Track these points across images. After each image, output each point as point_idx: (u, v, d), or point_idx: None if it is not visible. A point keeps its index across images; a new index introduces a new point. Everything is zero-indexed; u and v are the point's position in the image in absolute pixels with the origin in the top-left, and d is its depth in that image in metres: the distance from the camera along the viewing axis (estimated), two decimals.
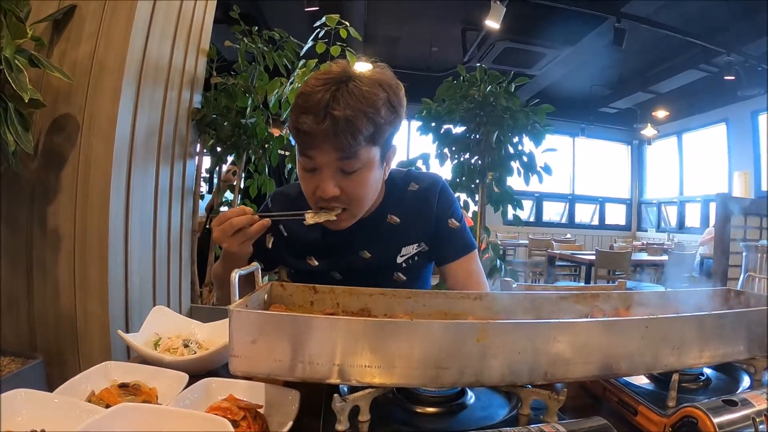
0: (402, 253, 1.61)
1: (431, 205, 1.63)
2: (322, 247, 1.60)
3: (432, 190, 1.65)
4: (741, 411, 0.88)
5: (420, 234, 1.63)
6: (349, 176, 1.36)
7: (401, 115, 1.42)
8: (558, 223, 13.42)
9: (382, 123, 1.33)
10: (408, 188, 1.65)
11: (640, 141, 13.60)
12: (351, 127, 1.27)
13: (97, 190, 2.67)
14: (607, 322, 0.96)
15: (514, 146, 3.53)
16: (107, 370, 1.15)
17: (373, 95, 1.31)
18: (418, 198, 1.64)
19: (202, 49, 3.45)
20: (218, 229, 1.33)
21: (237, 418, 0.92)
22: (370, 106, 1.29)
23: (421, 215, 1.62)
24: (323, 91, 1.28)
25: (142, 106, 2.87)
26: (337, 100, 1.27)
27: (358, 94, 1.29)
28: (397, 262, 1.62)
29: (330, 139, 1.28)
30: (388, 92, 1.36)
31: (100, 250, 2.67)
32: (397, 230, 1.60)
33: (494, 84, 3.49)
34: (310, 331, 0.82)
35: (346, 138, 1.27)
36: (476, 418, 0.97)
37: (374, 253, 1.60)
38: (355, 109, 1.27)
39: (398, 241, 1.61)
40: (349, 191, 1.38)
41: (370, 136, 1.32)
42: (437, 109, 3.59)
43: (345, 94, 1.28)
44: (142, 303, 2.94)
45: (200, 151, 3.69)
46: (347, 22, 3.74)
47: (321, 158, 1.33)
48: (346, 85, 1.30)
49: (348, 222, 1.47)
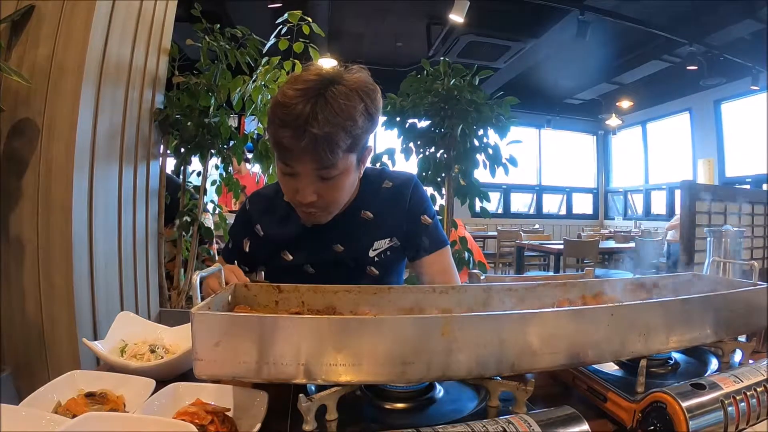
0: (374, 247, 1.64)
1: (404, 202, 1.66)
2: (296, 241, 1.63)
3: (405, 187, 1.68)
4: (709, 394, 0.90)
5: (392, 229, 1.65)
6: (328, 182, 1.39)
7: (377, 119, 1.44)
8: (526, 214, 13.56)
9: (359, 133, 1.35)
10: (382, 185, 1.68)
11: (605, 131, 13.80)
12: (330, 142, 1.28)
13: (60, 195, 2.61)
14: (572, 311, 0.97)
15: (479, 139, 3.53)
16: (73, 380, 1.13)
17: (350, 108, 1.31)
18: (391, 194, 1.67)
19: (163, 48, 3.40)
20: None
21: (205, 423, 0.91)
22: (348, 120, 1.30)
23: (393, 211, 1.65)
24: (302, 103, 1.28)
25: (103, 108, 2.81)
26: (315, 116, 1.27)
27: (337, 108, 1.29)
28: (370, 256, 1.64)
29: (309, 153, 1.31)
30: (365, 101, 1.36)
31: (64, 256, 2.62)
32: (370, 225, 1.63)
33: (458, 77, 3.49)
34: (273, 331, 0.80)
35: (325, 152, 1.29)
36: (445, 412, 0.97)
37: (347, 247, 1.62)
38: (333, 125, 1.28)
39: (370, 235, 1.64)
40: (326, 196, 1.42)
41: (347, 147, 1.34)
42: (402, 103, 3.58)
43: (323, 107, 1.28)
44: (110, 308, 2.89)
45: (164, 152, 3.64)
46: (310, 18, 3.71)
47: (300, 168, 1.36)
48: (324, 97, 1.29)
49: (325, 218, 1.52)
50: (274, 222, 1.65)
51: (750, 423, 0.92)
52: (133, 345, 1.39)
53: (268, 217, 1.67)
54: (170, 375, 1.23)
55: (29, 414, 0.94)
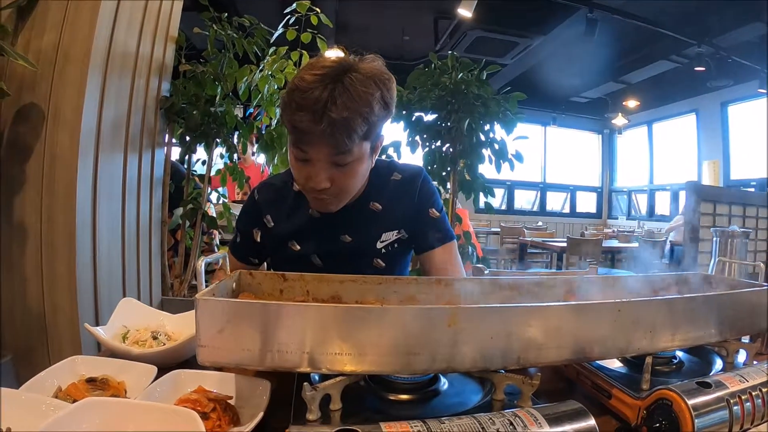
0: (382, 239, 1.64)
1: (413, 195, 1.67)
2: (304, 231, 1.63)
3: (414, 180, 1.69)
4: (715, 393, 0.90)
5: (400, 221, 1.66)
6: (341, 169, 1.39)
7: (392, 109, 1.44)
8: (529, 211, 13.52)
9: (375, 121, 1.35)
10: (391, 177, 1.69)
11: (610, 130, 13.74)
12: (347, 128, 1.29)
13: (63, 181, 2.61)
14: (579, 305, 0.96)
15: (485, 134, 3.53)
16: (74, 365, 1.12)
17: (368, 95, 1.31)
18: (400, 187, 1.68)
19: (170, 36, 3.39)
20: None
21: (206, 410, 0.91)
22: (365, 106, 1.31)
23: (402, 203, 1.66)
24: (320, 88, 1.28)
25: (108, 96, 2.81)
26: (335, 101, 1.27)
27: (355, 94, 1.29)
28: (377, 248, 1.64)
29: (326, 138, 1.30)
30: (382, 89, 1.36)
31: (67, 243, 2.62)
32: (379, 216, 1.64)
33: (466, 72, 3.48)
34: (278, 318, 0.80)
35: (342, 138, 1.30)
36: (450, 405, 0.96)
37: (354, 238, 1.63)
38: (352, 110, 1.28)
39: (379, 227, 1.65)
40: (340, 182, 1.42)
41: (364, 134, 1.34)
42: (408, 96, 3.57)
43: (342, 92, 1.28)
44: (112, 296, 2.89)
45: (169, 140, 3.64)
46: (318, 9, 3.70)
47: (315, 153, 1.36)
48: (342, 83, 1.30)
49: (336, 206, 1.51)
50: (282, 212, 1.66)
51: (755, 423, 0.91)
52: (135, 331, 1.38)
53: (277, 208, 1.67)
54: (172, 362, 1.22)
55: (29, 398, 0.94)
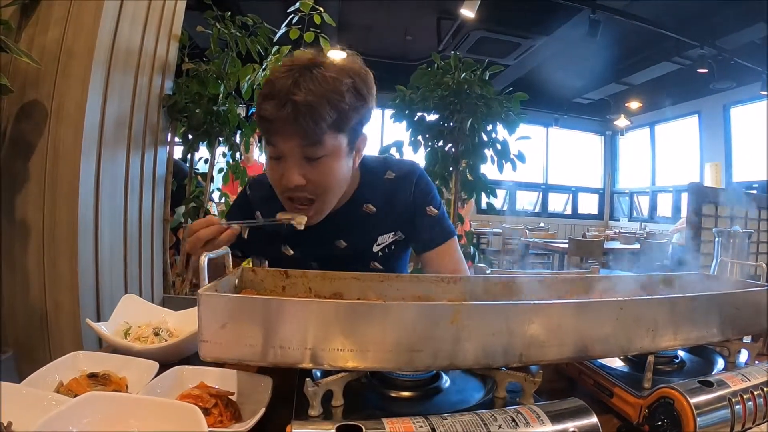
0: (378, 242, 1.61)
1: (408, 194, 1.62)
2: (297, 235, 1.51)
3: (409, 178, 1.64)
4: (717, 392, 0.89)
5: (396, 223, 1.62)
6: (314, 164, 1.34)
7: (369, 102, 1.40)
8: (531, 213, 13.51)
9: (346, 109, 1.32)
10: (384, 176, 1.64)
11: (613, 131, 13.74)
12: (312, 112, 1.26)
13: (66, 178, 2.61)
14: (581, 303, 0.96)
15: (487, 134, 3.53)
16: (76, 361, 1.13)
17: (337, 81, 1.30)
18: (394, 186, 1.63)
19: (173, 34, 3.38)
20: (188, 242, 1.31)
21: (208, 406, 0.91)
22: (333, 92, 1.28)
23: (397, 203, 1.61)
24: (287, 77, 1.28)
25: (111, 93, 2.81)
26: (299, 86, 1.26)
27: (321, 80, 1.28)
28: (374, 251, 1.61)
29: (291, 125, 1.27)
30: (355, 78, 1.34)
31: (69, 240, 2.62)
32: (373, 219, 1.59)
33: (468, 72, 3.48)
34: (280, 314, 0.80)
35: (308, 123, 1.26)
36: (452, 402, 0.96)
37: (350, 242, 1.59)
38: (317, 94, 1.26)
39: (374, 230, 1.61)
40: (314, 180, 1.36)
41: (334, 122, 1.30)
42: (411, 96, 3.57)
43: (308, 79, 1.27)
44: (114, 293, 2.89)
45: (172, 138, 3.64)
46: (321, 8, 3.70)
47: (284, 145, 1.32)
48: (310, 71, 1.29)
49: (316, 217, 1.45)
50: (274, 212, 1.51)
51: (756, 422, 0.91)
52: (137, 327, 1.39)
53: (269, 206, 1.57)
54: (174, 358, 1.22)
55: (30, 393, 0.93)
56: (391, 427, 0.72)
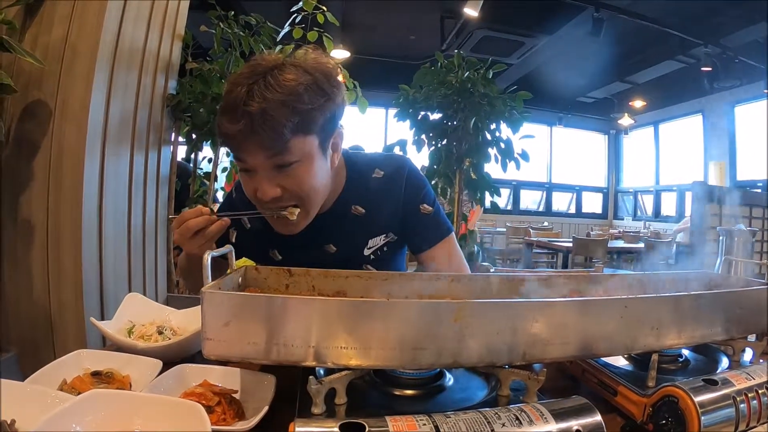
0: (369, 245, 1.55)
1: (398, 193, 1.55)
2: (285, 240, 1.47)
3: (398, 176, 1.56)
4: (721, 390, 0.89)
5: (387, 224, 1.56)
6: (287, 172, 1.27)
7: (335, 97, 1.31)
8: (535, 212, 13.51)
9: (308, 109, 1.23)
10: (372, 175, 1.55)
11: (617, 130, 13.71)
12: (269, 120, 1.18)
13: (70, 178, 2.62)
14: (585, 302, 0.96)
15: (491, 133, 3.53)
16: (80, 359, 1.13)
17: (292, 82, 1.22)
18: (383, 186, 1.54)
19: (177, 33, 3.39)
20: (177, 232, 1.26)
21: (211, 404, 0.91)
22: (289, 95, 1.20)
23: (387, 204, 1.54)
24: (240, 86, 1.20)
25: (115, 92, 2.82)
26: (252, 95, 1.19)
27: (276, 84, 1.20)
28: (365, 254, 1.55)
29: (252, 138, 1.21)
30: (315, 75, 1.26)
31: (73, 239, 2.63)
32: (363, 221, 1.52)
33: (472, 70, 3.48)
34: (284, 312, 0.80)
35: (267, 133, 1.19)
36: (455, 400, 0.96)
37: (340, 247, 1.54)
38: (271, 101, 1.18)
39: (364, 233, 1.55)
40: (290, 188, 1.29)
41: (297, 126, 1.22)
42: (414, 95, 3.58)
43: (262, 86, 1.20)
44: (117, 292, 2.89)
45: (175, 138, 3.64)
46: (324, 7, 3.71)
47: (251, 159, 1.26)
48: (264, 77, 1.21)
49: (302, 223, 1.38)
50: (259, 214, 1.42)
51: (761, 421, 0.91)
52: (141, 326, 1.38)
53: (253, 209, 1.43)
54: (177, 357, 1.22)
55: (34, 390, 0.94)
56: (395, 426, 0.72)
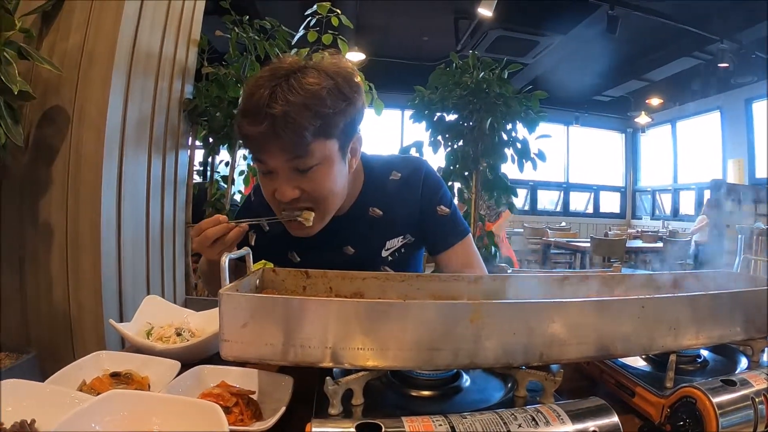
0: (387, 246, 1.55)
1: (415, 195, 1.55)
2: (303, 242, 1.46)
3: (415, 178, 1.56)
4: (740, 391, 0.88)
5: (405, 226, 1.56)
6: (306, 175, 1.27)
7: (356, 101, 1.31)
8: (553, 212, 13.46)
9: (330, 114, 1.23)
10: (389, 177, 1.55)
11: (634, 129, 13.62)
12: (293, 124, 1.18)
13: (89, 182, 2.65)
14: (602, 302, 0.95)
15: (507, 133, 3.52)
16: (99, 360, 1.14)
17: (315, 85, 1.21)
18: (400, 188, 1.55)
19: (192, 39, 3.42)
20: (196, 241, 1.27)
21: (229, 404, 0.92)
22: (312, 98, 1.20)
23: (404, 206, 1.55)
24: (263, 89, 1.20)
25: (132, 98, 2.85)
26: (276, 97, 1.19)
27: (298, 87, 1.20)
28: (383, 256, 1.56)
29: (273, 141, 1.21)
30: (336, 79, 1.26)
31: (92, 242, 2.66)
32: (380, 223, 1.53)
33: (487, 71, 3.48)
34: (301, 313, 0.80)
35: (289, 136, 1.19)
36: (472, 401, 0.96)
37: (357, 249, 1.54)
38: (294, 104, 1.18)
39: (382, 234, 1.55)
40: (309, 190, 1.30)
41: (318, 130, 1.22)
42: (430, 96, 3.58)
43: (285, 89, 1.20)
44: (136, 295, 2.92)
45: (192, 142, 3.67)
46: (338, 10, 3.71)
47: (272, 161, 1.26)
48: (287, 80, 1.21)
49: (318, 225, 1.38)
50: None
51: None
52: (160, 328, 1.39)
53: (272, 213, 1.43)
54: (195, 358, 1.23)
55: (54, 391, 0.95)
56: (411, 426, 0.72)
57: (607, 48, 8.72)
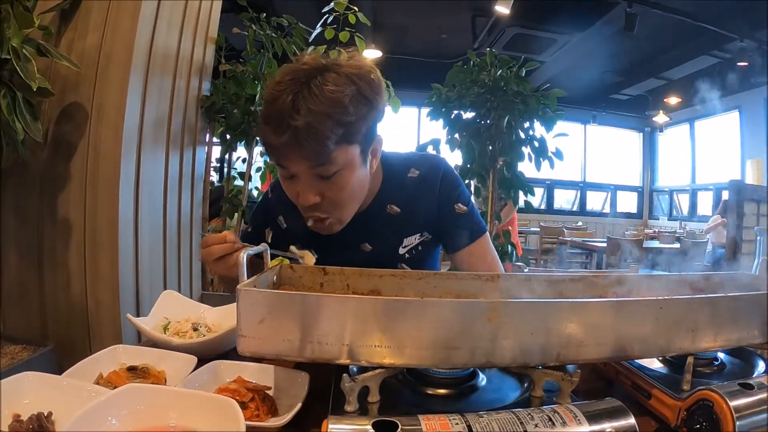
0: (404, 244, 1.56)
1: (433, 192, 1.55)
2: (320, 240, 1.46)
3: (433, 176, 1.56)
4: (758, 395, 0.87)
5: (423, 223, 1.56)
6: (329, 180, 1.27)
7: (378, 104, 1.30)
8: (569, 211, 13.38)
9: (353, 121, 1.23)
10: (408, 174, 1.56)
11: (651, 128, 13.50)
12: (315, 134, 1.17)
13: (107, 178, 2.67)
14: (620, 302, 0.94)
15: (525, 131, 3.51)
16: (116, 354, 1.14)
17: (338, 93, 1.20)
18: (419, 185, 1.55)
19: (210, 37, 3.44)
20: (202, 252, 1.29)
21: (245, 400, 0.92)
22: (335, 107, 1.19)
23: (423, 203, 1.55)
24: (285, 94, 1.19)
25: (150, 95, 2.86)
26: (297, 108, 1.17)
27: (321, 96, 1.18)
28: (400, 254, 1.56)
29: (296, 150, 1.21)
30: (358, 84, 1.24)
31: (110, 238, 2.68)
32: (398, 221, 1.53)
33: (505, 68, 3.46)
34: (318, 310, 0.80)
35: (313, 147, 1.19)
36: (488, 400, 0.95)
37: (375, 246, 1.55)
38: (316, 113, 1.17)
39: (399, 232, 1.55)
40: (331, 196, 1.31)
41: (341, 137, 1.22)
42: (447, 94, 3.57)
43: (306, 96, 1.18)
44: (153, 290, 2.94)
45: (210, 139, 3.69)
46: (356, 8, 3.71)
47: (294, 168, 1.26)
48: (308, 86, 1.20)
49: (337, 226, 1.40)
50: (297, 216, 1.43)
51: None
52: (176, 323, 1.40)
53: (291, 210, 1.46)
54: (212, 353, 1.23)
55: (70, 384, 0.95)
56: (427, 424, 0.72)
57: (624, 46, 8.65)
